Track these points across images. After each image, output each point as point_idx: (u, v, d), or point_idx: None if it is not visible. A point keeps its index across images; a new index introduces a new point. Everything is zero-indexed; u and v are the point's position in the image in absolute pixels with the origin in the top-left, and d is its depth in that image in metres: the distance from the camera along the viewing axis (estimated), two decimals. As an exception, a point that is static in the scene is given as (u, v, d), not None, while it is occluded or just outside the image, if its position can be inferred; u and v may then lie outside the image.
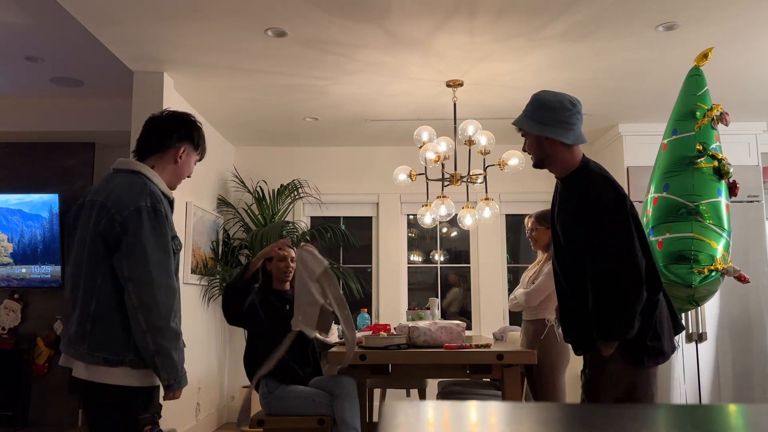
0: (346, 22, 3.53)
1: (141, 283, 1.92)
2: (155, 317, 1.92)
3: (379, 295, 5.98)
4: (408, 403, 0.82)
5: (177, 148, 2.14)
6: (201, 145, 2.22)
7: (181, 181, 2.21)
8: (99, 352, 1.93)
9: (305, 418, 3.13)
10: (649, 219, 3.14)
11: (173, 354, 1.96)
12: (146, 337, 1.92)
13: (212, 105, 4.96)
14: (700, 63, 3.24)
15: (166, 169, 2.14)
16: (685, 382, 4.87)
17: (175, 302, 1.99)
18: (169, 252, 2.00)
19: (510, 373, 3.02)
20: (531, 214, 3.56)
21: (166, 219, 2.01)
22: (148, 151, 2.13)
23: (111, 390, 1.96)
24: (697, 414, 0.80)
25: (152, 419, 2.02)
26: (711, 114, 3.09)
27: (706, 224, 2.93)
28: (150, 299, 1.92)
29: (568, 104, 2.24)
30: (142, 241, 1.94)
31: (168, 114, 2.18)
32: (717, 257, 2.90)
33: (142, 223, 1.95)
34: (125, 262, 1.93)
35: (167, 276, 1.97)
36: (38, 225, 5.33)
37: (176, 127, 2.15)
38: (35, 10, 3.66)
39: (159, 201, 2.01)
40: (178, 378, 1.98)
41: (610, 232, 2.13)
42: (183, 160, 2.16)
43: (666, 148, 3.20)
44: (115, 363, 1.94)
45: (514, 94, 4.72)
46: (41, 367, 5.30)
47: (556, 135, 2.23)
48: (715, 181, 3.01)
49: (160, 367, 1.95)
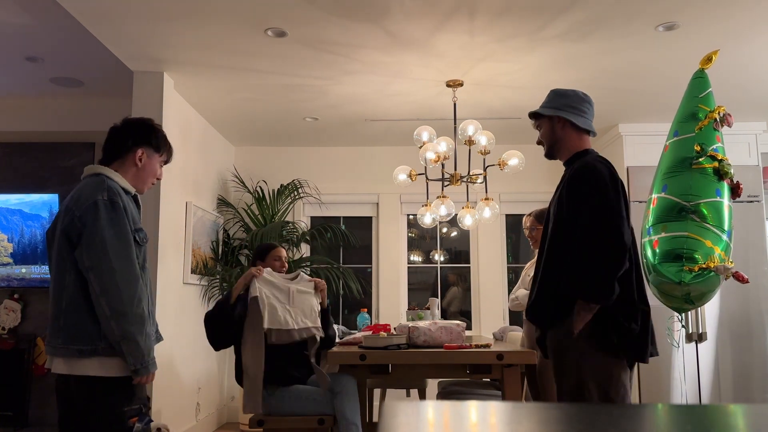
0: (346, 22, 3.53)
1: (101, 271, 1.99)
2: (117, 302, 1.98)
3: (379, 295, 5.98)
4: (408, 403, 0.82)
5: (134, 152, 2.23)
6: (162, 147, 2.29)
7: (147, 183, 2.29)
8: (72, 344, 2.00)
9: (305, 418, 3.13)
10: (648, 219, 3.14)
11: (138, 339, 2.00)
12: (111, 323, 1.98)
13: (212, 105, 4.96)
14: (705, 66, 3.25)
15: (128, 172, 2.23)
16: (685, 382, 4.87)
17: (137, 288, 2.04)
18: (128, 241, 2.06)
19: (510, 373, 3.02)
20: (530, 213, 3.55)
21: (125, 211, 2.09)
22: (111, 157, 2.25)
23: (90, 382, 2.02)
24: (697, 414, 0.80)
25: (138, 411, 2.06)
26: (712, 115, 3.10)
27: (704, 224, 2.94)
28: (111, 285, 1.99)
29: (580, 94, 2.44)
30: (101, 232, 2.02)
31: (125, 121, 2.28)
32: (712, 256, 2.90)
33: (98, 214, 2.03)
34: (85, 253, 2.01)
35: (128, 263, 2.04)
36: (38, 225, 5.33)
37: (132, 133, 2.25)
38: (35, 10, 3.66)
39: (116, 194, 2.09)
40: (145, 362, 2.02)
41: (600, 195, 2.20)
42: (144, 163, 2.25)
43: (667, 150, 3.21)
44: (89, 353, 2.00)
45: (514, 94, 4.72)
46: (41, 367, 5.30)
47: (567, 115, 2.39)
48: (715, 182, 3.02)
49: (126, 352, 1.99)
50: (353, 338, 3.47)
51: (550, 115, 2.42)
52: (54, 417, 5.32)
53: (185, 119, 4.84)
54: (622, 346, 2.20)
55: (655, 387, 4.90)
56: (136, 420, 2.05)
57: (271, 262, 3.31)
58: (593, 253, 2.17)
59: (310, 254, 6.07)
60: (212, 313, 3.09)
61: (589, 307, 2.17)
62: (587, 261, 2.17)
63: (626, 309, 2.21)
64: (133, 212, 2.15)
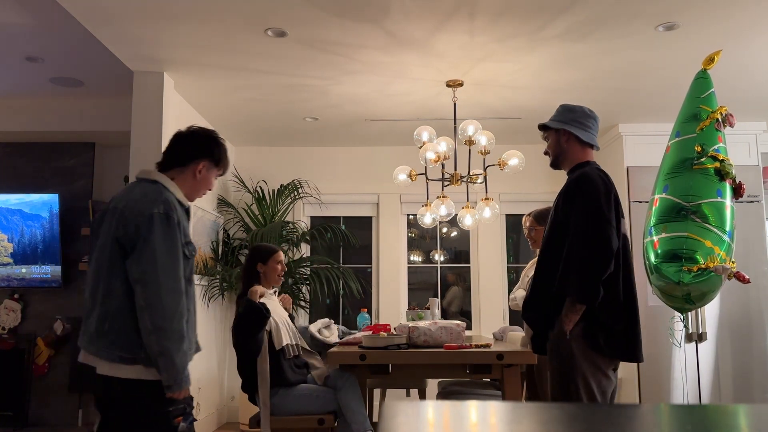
0: (346, 22, 3.53)
1: (148, 284, 2.02)
2: (159, 318, 2.01)
3: (379, 295, 5.98)
4: (408, 403, 0.82)
5: (196, 164, 2.27)
6: (222, 161, 2.34)
7: (200, 194, 2.34)
8: (115, 350, 2.04)
9: (305, 418, 3.14)
10: (650, 220, 3.15)
11: (175, 356, 2.02)
12: (151, 338, 2.01)
13: (212, 105, 4.96)
14: (707, 66, 3.25)
15: (185, 182, 2.26)
16: (686, 382, 4.87)
17: (180, 304, 2.06)
18: (177, 257, 2.09)
19: (510, 373, 3.02)
20: (529, 213, 3.55)
21: (178, 226, 2.12)
22: (170, 164, 2.26)
23: (136, 385, 2.05)
24: (697, 414, 0.80)
25: (183, 411, 2.08)
26: (714, 116, 3.10)
27: (705, 225, 2.95)
28: (155, 300, 2.01)
29: (587, 111, 2.60)
30: (153, 246, 2.04)
31: (192, 130, 2.31)
32: (711, 256, 2.91)
33: (153, 228, 2.06)
34: (135, 265, 2.04)
35: (174, 280, 2.06)
36: (38, 225, 5.33)
37: (197, 144, 2.28)
38: (35, 10, 3.66)
39: (172, 209, 2.11)
40: (179, 380, 2.04)
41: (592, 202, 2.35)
42: (202, 175, 2.29)
43: (669, 151, 3.21)
44: (130, 361, 2.04)
45: (514, 94, 4.72)
46: (41, 367, 5.30)
47: (572, 129, 2.55)
48: (716, 182, 3.02)
49: (162, 368, 2.02)
50: (353, 338, 3.48)
51: (557, 128, 2.59)
52: (54, 417, 5.32)
53: (185, 119, 4.84)
54: (608, 346, 2.32)
55: (655, 387, 4.90)
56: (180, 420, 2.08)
57: (273, 266, 3.33)
58: (581, 256, 2.32)
59: (310, 254, 6.07)
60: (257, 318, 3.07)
61: (575, 307, 2.31)
62: (575, 263, 2.32)
63: (611, 310, 2.33)
64: (184, 225, 2.18)
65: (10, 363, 5.34)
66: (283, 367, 3.17)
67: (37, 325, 5.41)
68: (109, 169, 5.76)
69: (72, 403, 5.33)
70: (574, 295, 2.30)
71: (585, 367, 2.31)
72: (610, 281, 2.33)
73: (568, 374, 2.34)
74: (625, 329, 2.34)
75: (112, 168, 5.75)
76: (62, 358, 5.36)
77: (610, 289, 2.33)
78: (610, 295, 2.32)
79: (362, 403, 3.13)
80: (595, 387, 2.31)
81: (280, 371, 3.16)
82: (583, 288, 2.28)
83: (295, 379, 3.21)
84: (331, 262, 5.69)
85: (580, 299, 2.29)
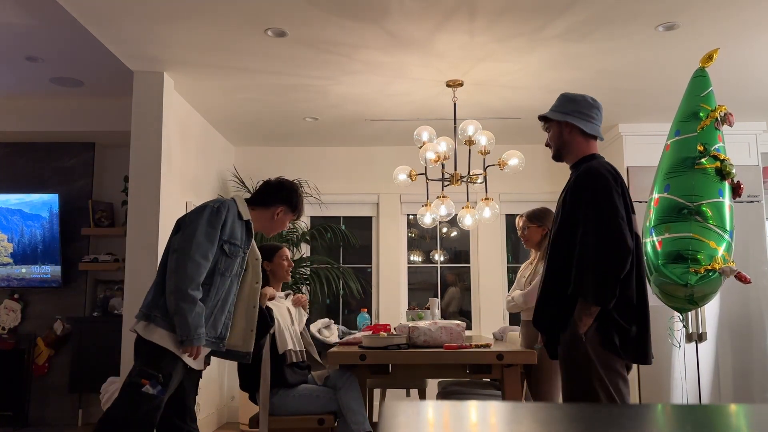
0: (346, 22, 3.53)
1: (180, 253, 2.44)
2: (180, 281, 2.39)
3: (379, 295, 5.98)
4: (408, 403, 0.82)
5: (276, 207, 2.74)
6: (297, 209, 2.79)
7: (274, 232, 2.79)
8: (141, 308, 2.47)
9: (305, 418, 3.14)
10: (650, 220, 3.14)
11: (188, 315, 2.38)
12: (171, 297, 2.40)
13: (212, 105, 4.96)
14: (705, 64, 3.24)
15: (263, 219, 2.74)
16: (686, 382, 4.87)
17: (200, 276, 2.43)
18: (213, 242, 2.49)
19: (510, 373, 3.02)
20: (522, 213, 3.56)
21: (225, 223, 2.53)
22: (256, 202, 2.74)
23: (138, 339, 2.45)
24: (697, 414, 0.80)
25: (152, 376, 2.38)
26: (714, 115, 3.09)
27: (707, 225, 2.93)
28: (181, 266, 2.41)
29: (589, 100, 2.47)
30: (195, 225, 2.48)
31: (279, 181, 2.78)
32: (716, 257, 2.90)
33: (202, 213, 2.51)
34: (178, 239, 2.49)
35: (202, 256, 2.45)
36: (38, 225, 5.33)
37: (281, 192, 2.75)
38: (35, 10, 3.66)
39: (226, 208, 2.55)
40: (191, 336, 2.38)
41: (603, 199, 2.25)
42: (279, 218, 2.76)
43: (669, 149, 3.20)
44: (142, 317, 2.44)
45: (514, 94, 4.72)
46: (41, 367, 5.30)
47: (575, 121, 2.43)
48: (717, 182, 3.01)
49: (177, 324, 2.39)
50: (353, 338, 3.48)
51: (559, 120, 2.46)
52: (54, 417, 5.32)
53: (185, 119, 4.84)
54: (623, 348, 2.22)
55: (655, 387, 4.90)
56: (147, 382, 2.37)
57: (279, 262, 3.35)
58: (595, 257, 2.19)
59: (310, 254, 6.07)
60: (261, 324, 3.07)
61: (590, 310, 2.20)
62: (589, 264, 2.20)
63: (626, 311, 2.23)
64: (234, 228, 2.57)
65: (10, 363, 5.33)
66: (284, 371, 3.17)
67: (37, 325, 5.41)
68: (109, 169, 5.76)
69: (72, 403, 5.33)
70: (589, 296, 2.18)
71: (602, 370, 2.20)
72: (625, 281, 2.22)
73: (585, 379, 2.22)
74: (638, 331, 2.24)
75: (112, 168, 5.75)
76: (62, 358, 5.36)
77: (625, 290, 2.22)
78: (625, 296, 2.22)
79: (362, 403, 3.13)
80: (614, 390, 2.21)
81: (280, 374, 3.16)
82: (598, 289, 2.17)
83: (295, 381, 3.22)
84: (331, 262, 5.69)
85: (596, 301, 2.18)
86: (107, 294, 5.48)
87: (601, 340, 2.21)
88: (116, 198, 5.64)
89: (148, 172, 4.20)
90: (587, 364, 2.22)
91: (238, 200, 2.67)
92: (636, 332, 2.24)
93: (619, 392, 2.23)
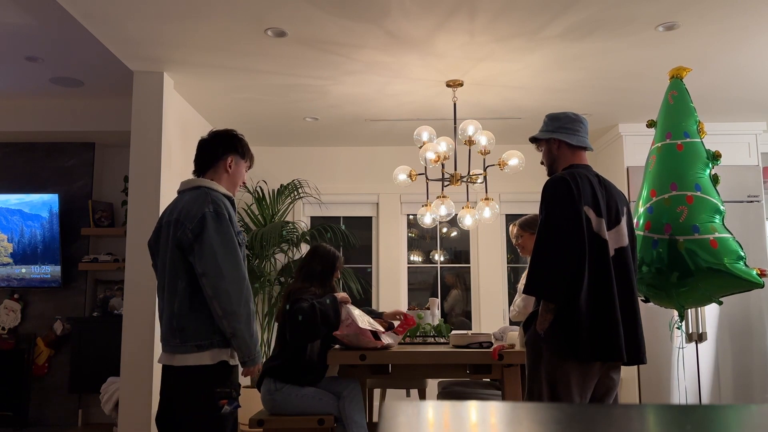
0: (346, 22, 3.53)
1: (212, 276, 2.27)
2: (227, 304, 2.25)
3: (379, 295, 5.97)
4: (408, 403, 0.82)
5: (225, 160, 2.51)
6: (246, 154, 2.58)
7: (237, 187, 2.58)
8: (190, 341, 2.28)
9: (305, 418, 3.15)
10: (686, 216, 3.07)
11: (246, 336, 2.28)
12: (223, 322, 2.26)
13: (212, 105, 4.96)
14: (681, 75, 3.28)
15: (222, 179, 2.51)
16: (685, 381, 4.87)
17: (244, 289, 2.31)
18: (234, 247, 2.33)
19: (510, 373, 3.02)
20: (515, 222, 3.58)
21: (230, 220, 2.37)
22: (204, 167, 2.53)
23: (195, 370, 2.28)
24: (697, 414, 0.80)
25: (228, 394, 2.30)
26: (702, 133, 3.20)
27: (723, 225, 3.05)
28: (221, 289, 2.26)
29: (571, 115, 2.65)
30: (209, 241, 2.29)
31: (212, 133, 2.57)
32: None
33: (207, 225, 2.31)
34: (197, 261, 2.29)
35: (234, 268, 2.30)
36: (38, 225, 5.33)
37: (220, 143, 2.53)
38: (35, 10, 3.66)
39: (221, 205, 2.36)
40: (252, 356, 2.31)
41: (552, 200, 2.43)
42: (233, 169, 2.53)
43: (683, 149, 3.17)
44: (207, 347, 2.28)
45: (514, 94, 4.72)
46: (41, 367, 5.30)
47: (561, 136, 2.62)
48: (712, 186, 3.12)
49: (236, 347, 2.29)
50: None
51: (547, 138, 2.66)
52: (54, 417, 5.32)
53: (185, 119, 4.84)
54: (571, 347, 2.32)
55: (655, 387, 4.90)
56: (225, 402, 2.29)
57: (340, 269, 3.52)
58: (537, 254, 2.39)
59: (310, 254, 6.06)
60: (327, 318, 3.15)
61: (548, 306, 2.37)
62: (533, 261, 2.40)
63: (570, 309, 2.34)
64: (232, 218, 2.41)
65: (10, 363, 5.33)
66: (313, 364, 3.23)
67: (37, 325, 5.41)
68: (109, 169, 5.76)
69: (72, 403, 5.33)
70: (529, 289, 2.39)
71: (549, 368, 2.36)
72: (572, 280, 2.36)
73: (532, 375, 2.42)
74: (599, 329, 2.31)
75: (112, 168, 5.75)
76: (62, 358, 5.36)
77: (572, 289, 2.37)
78: (570, 295, 2.36)
79: (364, 415, 3.16)
80: (561, 390, 2.33)
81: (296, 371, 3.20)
82: (538, 283, 2.37)
83: (306, 382, 3.24)
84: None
85: (542, 295, 2.37)
86: (107, 294, 5.48)
87: (552, 341, 2.36)
88: (116, 198, 5.64)
89: (148, 172, 4.20)
90: (537, 361, 2.40)
91: (209, 184, 2.45)
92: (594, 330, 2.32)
93: (567, 392, 2.34)
